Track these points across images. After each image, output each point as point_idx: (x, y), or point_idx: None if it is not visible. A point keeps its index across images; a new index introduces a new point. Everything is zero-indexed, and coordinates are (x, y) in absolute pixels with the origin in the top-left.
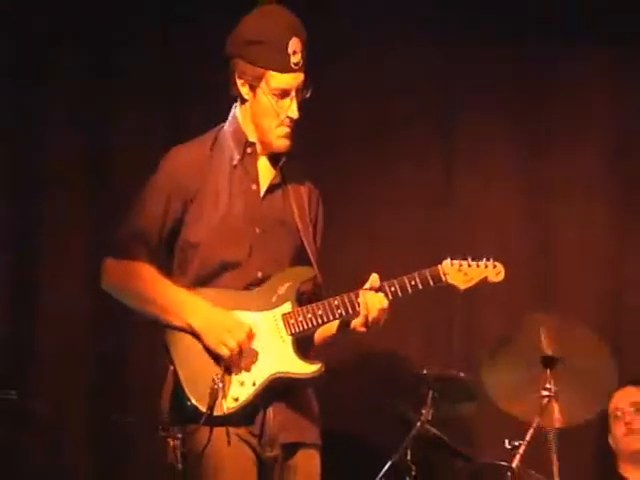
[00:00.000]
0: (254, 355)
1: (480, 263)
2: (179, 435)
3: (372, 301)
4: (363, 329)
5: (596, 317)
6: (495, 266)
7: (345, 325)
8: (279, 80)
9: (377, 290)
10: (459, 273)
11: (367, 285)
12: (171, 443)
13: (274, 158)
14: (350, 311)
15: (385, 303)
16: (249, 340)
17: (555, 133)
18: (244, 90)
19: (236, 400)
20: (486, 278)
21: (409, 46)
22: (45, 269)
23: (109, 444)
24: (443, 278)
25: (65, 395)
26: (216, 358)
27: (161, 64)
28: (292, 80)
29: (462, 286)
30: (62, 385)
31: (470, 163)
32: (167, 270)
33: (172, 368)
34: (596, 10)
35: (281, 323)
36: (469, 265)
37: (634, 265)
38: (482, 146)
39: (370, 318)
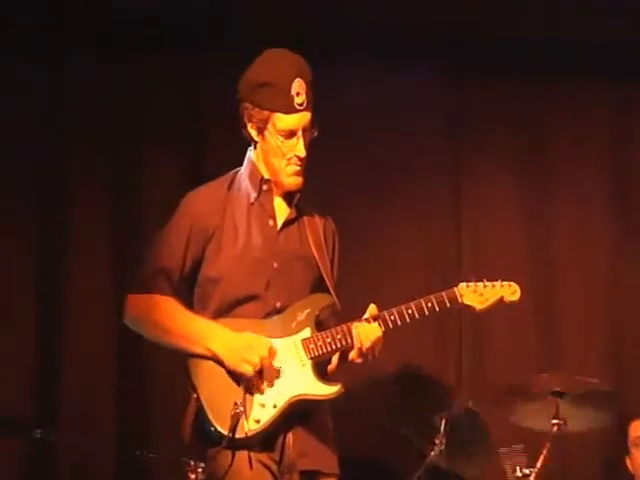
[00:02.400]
0: (275, 378)
1: (495, 284)
2: (200, 469)
3: (365, 332)
4: (359, 360)
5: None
6: (510, 286)
7: (343, 357)
8: (284, 121)
9: (374, 320)
10: (475, 294)
11: (366, 315)
12: (192, 477)
13: (289, 195)
14: None
15: (379, 333)
16: (270, 357)
17: (556, 171)
18: (253, 132)
19: (257, 422)
20: (502, 298)
21: (411, 88)
22: (69, 310)
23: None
24: (459, 299)
25: (89, 432)
26: (237, 382)
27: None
28: (297, 120)
29: (478, 306)
30: (86, 423)
31: (477, 198)
32: (188, 304)
33: (195, 395)
34: (599, 50)
35: (301, 348)
36: (484, 286)
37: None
38: (488, 181)
39: (364, 349)
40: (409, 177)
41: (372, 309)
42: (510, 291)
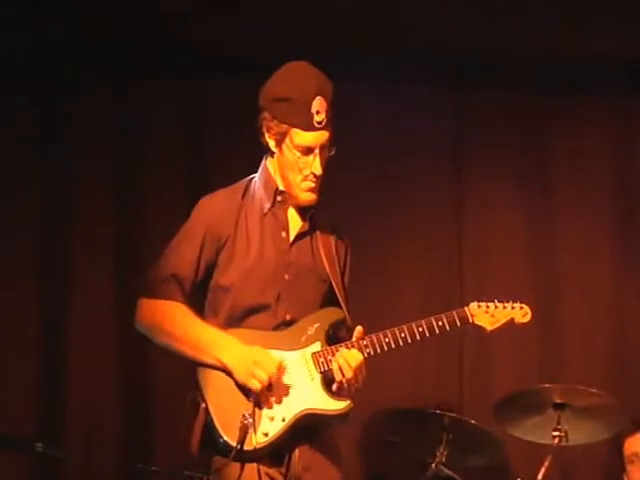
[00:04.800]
0: (284, 391)
1: (507, 304)
2: None
3: (346, 360)
4: (343, 392)
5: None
6: (522, 307)
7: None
8: (302, 138)
9: (358, 340)
10: (486, 315)
11: (353, 338)
12: None
13: (303, 208)
14: (378, 350)
15: (360, 359)
16: (279, 373)
17: (557, 189)
18: (271, 143)
19: (266, 435)
20: (513, 319)
21: (412, 105)
22: (73, 326)
23: None
24: (470, 319)
25: (91, 445)
26: (247, 394)
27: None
28: (315, 138)
29: (489, 327)
30: (88, 436)
31: (479, 214)
32: (199, 310)
33: (203, 405)
34: (599, 65)
35: (311, 361)
36: (495, 307)
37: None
38: (489, 197)
39: (345, 379)
40: (410, 194)
41: (359, 332)
42: (521, 313)
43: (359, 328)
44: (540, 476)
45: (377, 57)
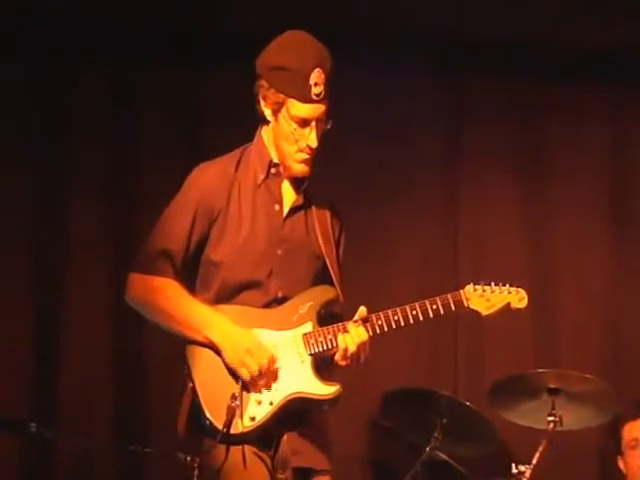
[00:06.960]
0: (273, 374)
1: (503, 289)
2: (196, 463)
3: (351, 335)
4: (343, 362)
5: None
6: (518, 292)
7: (329, 360)
8: (299, 109)
9: (363, 322)
10: (481, 299)
11: (355, 317)
12: (188, 471)
13: (297, 181)
14: (370, 333)
15: (365, 337)
16: (270, 364)
17: (553, 178)
18: (267, 112)
19: (253, 419)
20: (509, 304)
21: (410, 93)
22: (68, 308)
23: (128, 475)
24: (465, 303)
25: (85, 427)
26: (235, 375)
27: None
28: (312, 110)
29: (484, 312)
30: (82, 417)
31: (475, 202)
32: (190, 285)
33: (190, 384)
34: (598, 55)
35: (301, 343)
36: (492, 291)
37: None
38: (486, 187)
39: (349, 353)
40: (408, 182)
41: (362, 311)
42: (517, 298)
43: (362, 308)
44: (535, 461)
45: (375, 45)
